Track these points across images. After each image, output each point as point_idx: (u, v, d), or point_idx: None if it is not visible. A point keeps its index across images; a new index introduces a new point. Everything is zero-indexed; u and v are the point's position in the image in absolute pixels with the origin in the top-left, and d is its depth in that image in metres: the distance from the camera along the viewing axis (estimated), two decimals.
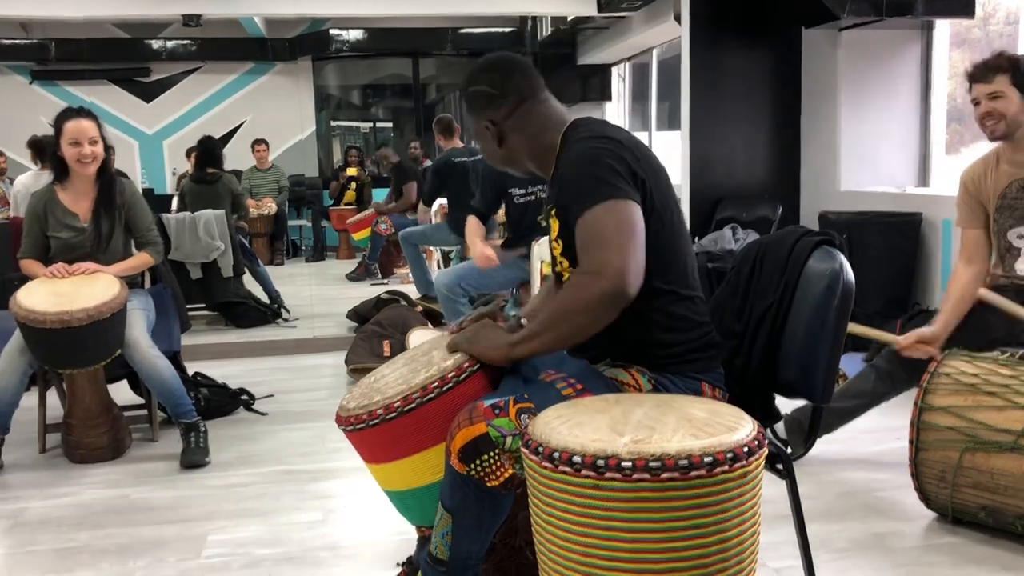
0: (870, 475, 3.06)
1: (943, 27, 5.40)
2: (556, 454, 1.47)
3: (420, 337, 4.61)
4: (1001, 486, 2.41)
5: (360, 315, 5.60)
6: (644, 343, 1.85)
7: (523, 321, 1.93)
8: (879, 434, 3.35)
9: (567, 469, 1.45)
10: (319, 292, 7.69)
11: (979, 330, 2.91)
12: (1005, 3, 5.23)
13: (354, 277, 8.32)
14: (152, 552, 2.62)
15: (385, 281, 8.10)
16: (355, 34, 10.93)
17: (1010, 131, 2.85)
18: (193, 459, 3.33)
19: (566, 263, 1.89)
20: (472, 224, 4.22)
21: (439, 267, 7.15)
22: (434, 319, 5.26)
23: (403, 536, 2.56)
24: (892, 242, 4.78)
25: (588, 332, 1.74)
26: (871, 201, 5.17)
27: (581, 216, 1.73)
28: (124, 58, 10.94)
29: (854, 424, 3.08)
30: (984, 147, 3.07)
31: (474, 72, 1.99)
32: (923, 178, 5.56)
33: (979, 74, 2.88)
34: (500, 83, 1.94)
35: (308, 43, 11.17)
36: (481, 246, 4.03)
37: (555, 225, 1.90)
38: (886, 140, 5.55)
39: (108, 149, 3.59)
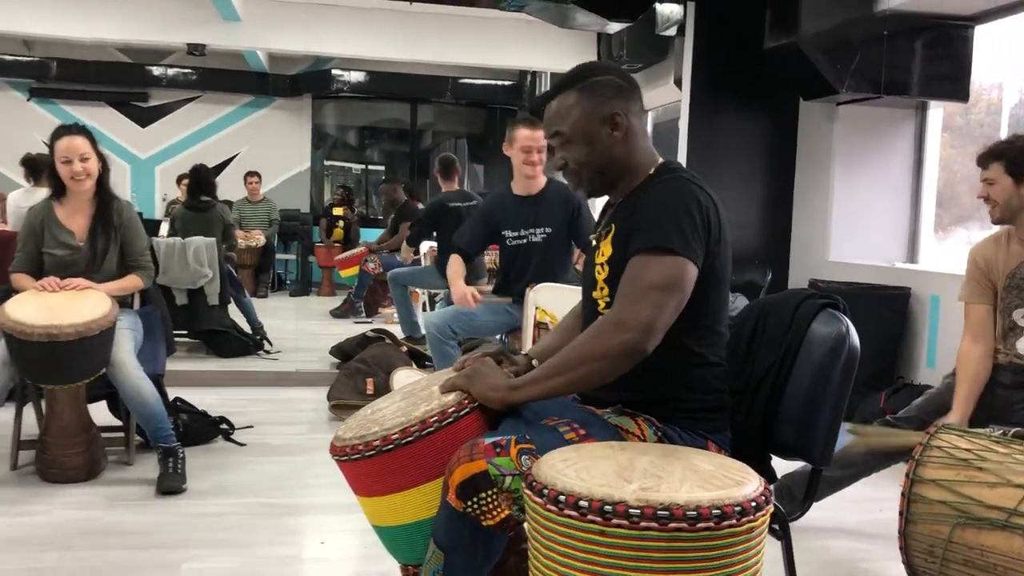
0: (855, 544, 3.04)
1: (937, 109, 5.53)
2: (562, 497, 1.44)
3: (405, 377, 4.56)
4: (991, 564, 2.39)
5: (344, 352, 5.55)
6: (661, 396, 1.85)
7: (534, 362, 1.91)
8: (864, 504, 3.33)
9: (572, 513, 1.42)
10: (302, 326, 7.63)
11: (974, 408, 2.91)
12: (987, 94, 5.38)
13: (338, 314, 8.27)
14: None
15: (369, 320, 8.06)
16: (356, 76, 11.03)
17: (1004, 216, 2.90)
18: (170, 485, 3.26)
19: (607, 290, 1.86)
20: (454, 263, 4.03)
21: (424, 309, 7.12)
22: (419, 360, 5.22)
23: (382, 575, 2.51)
24: (880, 315, 4.81)
25: (600, 381, 1.74)
26: (860, 273, 5.22)
27: (641, 253, 1.73)
28: (124, 82, 10.95)
29: (839, 493, 3.07)
30: (960, 231, 3.13)
31: (591, 67, 1.92)
32: (911, 255, 5.63)
33: (980, 159, 2.97)
34: (629, 79, 1.92)
35: (310, 81, 11.25)
36: (462, 286, 3.90)
37: (607, 250, 1.87)
38: (877, 214, 5.63)
39: (106, 168, 3.56)
